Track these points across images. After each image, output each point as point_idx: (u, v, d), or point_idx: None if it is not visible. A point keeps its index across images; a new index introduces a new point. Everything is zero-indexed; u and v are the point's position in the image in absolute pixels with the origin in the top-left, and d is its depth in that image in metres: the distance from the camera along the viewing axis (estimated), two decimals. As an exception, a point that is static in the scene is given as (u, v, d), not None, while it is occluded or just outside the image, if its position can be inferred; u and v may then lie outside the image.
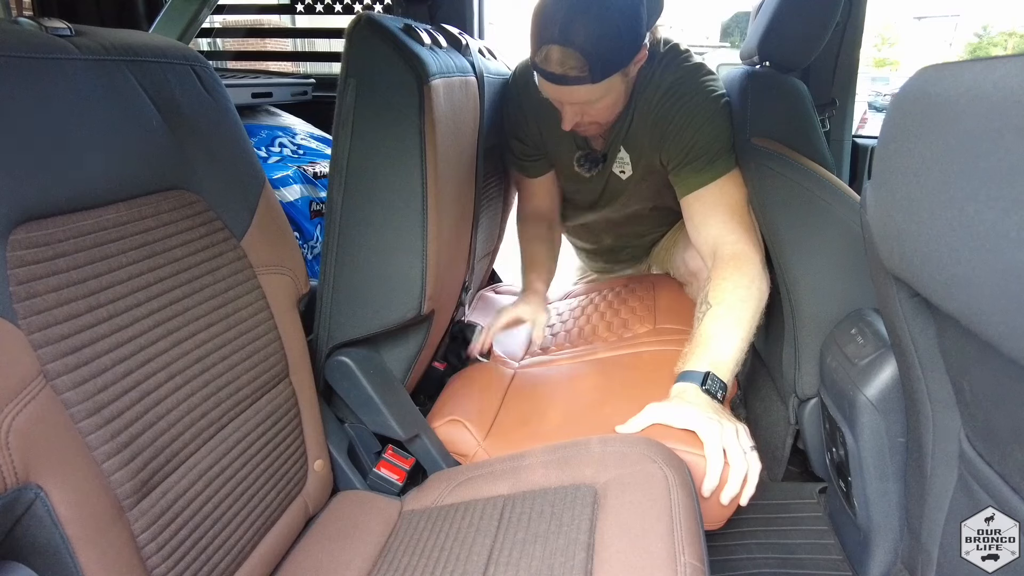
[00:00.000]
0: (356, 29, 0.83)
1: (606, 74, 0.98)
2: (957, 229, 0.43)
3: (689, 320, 1.23)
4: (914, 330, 0.59)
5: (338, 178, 0.88)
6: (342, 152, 0.86)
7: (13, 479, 0.47)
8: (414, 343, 1.02)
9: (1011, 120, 0.38)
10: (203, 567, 0.62)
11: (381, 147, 0.86)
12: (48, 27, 0.57)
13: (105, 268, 0.56)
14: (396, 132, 0.85)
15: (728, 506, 0.84)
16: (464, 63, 1.03)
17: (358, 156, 0.86)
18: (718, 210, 1.10)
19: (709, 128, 1.10)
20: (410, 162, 0.85)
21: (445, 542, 0.74)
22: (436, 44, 0.94)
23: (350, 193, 0.88)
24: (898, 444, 0.79)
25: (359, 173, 0.87)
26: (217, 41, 2.41)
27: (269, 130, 1.55)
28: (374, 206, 0.88)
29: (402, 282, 0.90)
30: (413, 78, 0.83)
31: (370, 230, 0.89)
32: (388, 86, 0.84)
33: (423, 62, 0.84)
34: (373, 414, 0.93)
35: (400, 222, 0.88)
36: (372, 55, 0.83)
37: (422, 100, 0.83)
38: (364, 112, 0.85)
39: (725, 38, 7.13)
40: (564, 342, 1.29)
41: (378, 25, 0.84)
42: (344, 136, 0.86)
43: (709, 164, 1.11)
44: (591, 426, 0.96)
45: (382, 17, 0.86)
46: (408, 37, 0.86)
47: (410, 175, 0.86)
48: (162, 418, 0.59)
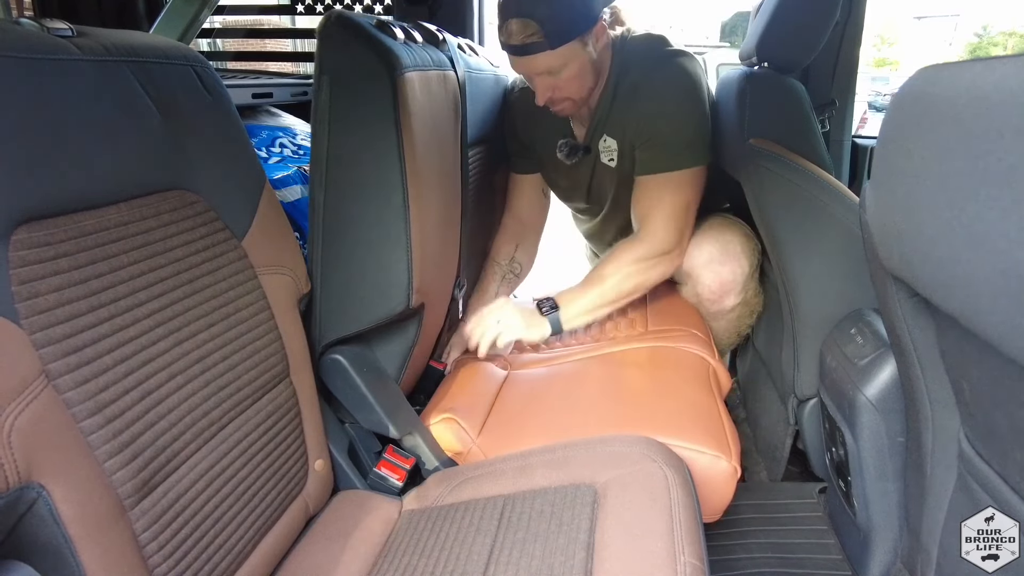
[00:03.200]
0: (327, 26, 0.84)
1: (563, 40, 1.05)
2: (957, 229, 0.43)
3: (680, 320, 1.24)
4: (914, 330, 0.59)
5: (319, 175, 0.88)
6: (321, 149, 0.87)
7: (15, 478, 0.47)
8: (407, 339, 1.03)
9: (1011, 120, 0.38)
10: (204, 566, 0.62)
11: (359, 141, 0.86)
12: (49, 27, 0.57)
13: (106, 268, 0.56)
14: (373, 126, 0.85)
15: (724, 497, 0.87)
16: (441, 58, 1.03)
17: (337, 152, 0.87)
18: (661, 202, 1.15)
19: (676, 121, 1.13)
20: (388, 155, 0.86)
21: (445, 542, 0.74)
22: (411, 39, 0.94)
23: (332, 189, 0.88)
24: (898, 444, 0.79)
25: (339, 169, 0.87)
26: (217, 41, 2.41)
27: (269, 130, 1.55)
28: (356, 201, 0.88)
29: (389, 275, 0.90)
30: (385, 70, 0.83)
31: (354, 225, 0.89)
32: (361, 80, 0.84)
33: (395, 55, 0.84)
34: (367, 412, 0.93)
35: (383, 215, 0.88)
36: (344, 51, 0.84)
37: (396, 92, 0.84)
38: (340, 108, 0.85)
39: (725, 38, 7.14)
40: (556, 341, 1.29)
41: (349, 21, 0.84)
42: (322, 133, 0.86)
43: (667, 154, 1.14)
44: (583, 424, 0.96)
45: (353, 14, 0.86)
46: (380, 32, 0.86)
47: (389, 168, 0.86)
48: (163, 418, 0.59)
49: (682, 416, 0.94)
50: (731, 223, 1.31)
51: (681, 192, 1.15)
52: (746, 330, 1.35)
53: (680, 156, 1.14)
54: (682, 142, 1.13)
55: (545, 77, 1.11)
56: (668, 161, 1.14)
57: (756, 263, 1.26)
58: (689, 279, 1.30)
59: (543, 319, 1.13)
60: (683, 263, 1.29)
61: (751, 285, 1.26)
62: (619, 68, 1.18)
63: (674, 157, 1.14)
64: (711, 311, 1.30)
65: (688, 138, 1.13)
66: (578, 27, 1.07)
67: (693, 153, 1.14)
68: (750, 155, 1.10)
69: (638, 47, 1.19)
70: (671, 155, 1.14)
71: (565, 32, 1.05)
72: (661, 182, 1.15)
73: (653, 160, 1.16)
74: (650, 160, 1.16)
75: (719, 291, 1.25)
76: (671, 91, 1.14)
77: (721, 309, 1.28)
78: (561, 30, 1.05)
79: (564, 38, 1.06)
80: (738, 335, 1.36)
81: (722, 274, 1.23)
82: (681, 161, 1.14)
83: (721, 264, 1.23)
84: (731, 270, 1.23)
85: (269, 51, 2.77)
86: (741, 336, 1.37)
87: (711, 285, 1.25)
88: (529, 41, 1.05)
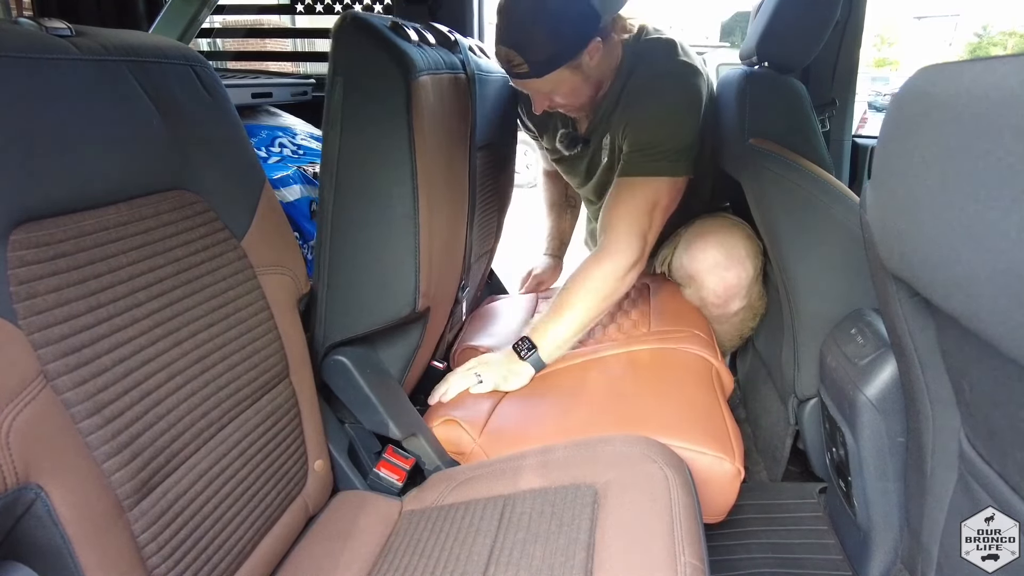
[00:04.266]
0: (342, 27, 0.83)
1: (548, 70, 1.08)
2: (957, 229, 0.43)
3: (683, 321, 1.24)
4: (914, 330, 0.59)
5: (329, 177, 0.88)
6: (332, 151, 0.87)
7: (13, 479, 0.47)
8: (411, 341, 1.02)
9: (1011, 120, 0.38)
10: (203, 567, 0.62)
11: (370, 144, 0.86)
12: (48, 27, 0.56)
13: (105, 268, 0.56)
14: (385, 129, 0.85)
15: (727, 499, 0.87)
16: (454, 60, 1.03)
17: (348, 154, 0.86)
18: (629, 205, 1.14)
19: (661, 130, 1.14)
20: (400, 158, 0.85)
21: (445, 542, 0.74)
22: (424, 41, 0.94)
23: (341, 191, 0.88)
24: (898, 444, 0.79)
25: (349, 171, 0.87)
26: (217, 41, 2.41)
27: (269, 130, 1.55)
28: (365, 204, 0.88)
29: (396, 279, 0.90)
30: (400, 74, 0.83)
31: (362, 228, 0.89)
32: (375, 83, 0.84)
33: (410, 58, 0.84)
34: (370, 413, 0.93)
35: (392, 219, 0.88)
36: (358, 53, 0.83)
37: (409, 96, 0.83)
38: (352, 110, 0.85)
39: (725, 38, 7.13)
40: None
41: (364, 23, 0.84)
42: (333, 135, 0.86)
43: (646, 161, 1.14)
44: (585, 425, 0.96)
45: (368, 15, 0.86)
46: (395, 34, 0.86)
47: (400, 171, 0.86)
48: (162, 418, 0.59)
49: (684, 417, 0.94)
50: (734, 225, 1.31)
51: (649, 199, 1.14)
52: (749, 332, 1.35)
53: (657, 164, 1.14)
54: (662, 151, 1.13)
55: (538, 93, 1.15)
56: (644, 167, 1.14)
57: (760, 266, 1.25)
58: (693, 283, 1.29)
59: (523, 364, 1.10)
60: (687, 267, 1.29)
61: (755, 288, 1.26)
62: (629, 70, 1.18)
63: (650, 164, 1.14)
64: (715, 315, 1.29)
65: (670, 148, 1.13)
66: (562, 58, 1.08)
67: (671, 163, 1.14)
68: (750, 155, 1.10)
69: (651, 52, 1.19)
70: (648, 161, 1.14)
71: (549, 63, 1.08)
72: (633, 186, 1.15)
73: (630, 163, 1.16)
74: (628, 163, 1.17)
75: (724, 296, 1.25)
76: (667, 105, 1.14)
77: (725, 313, 1.28)
78: (545, 61, 1.07)
79: (549, 68, 1.08)
80: (740, 337, 1.36)
81: (727, 279, 1.23)
82: (658, 169, 1.14)
83: (726, 269, 1.23)
84: (736, 274, 1.22)
85: (269, 51, 2.77)
86: (744, 338, 1.37)
87: (716, 290, 1.25)
88: (516, 70, 1.09)
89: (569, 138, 1.33)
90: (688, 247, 1.29)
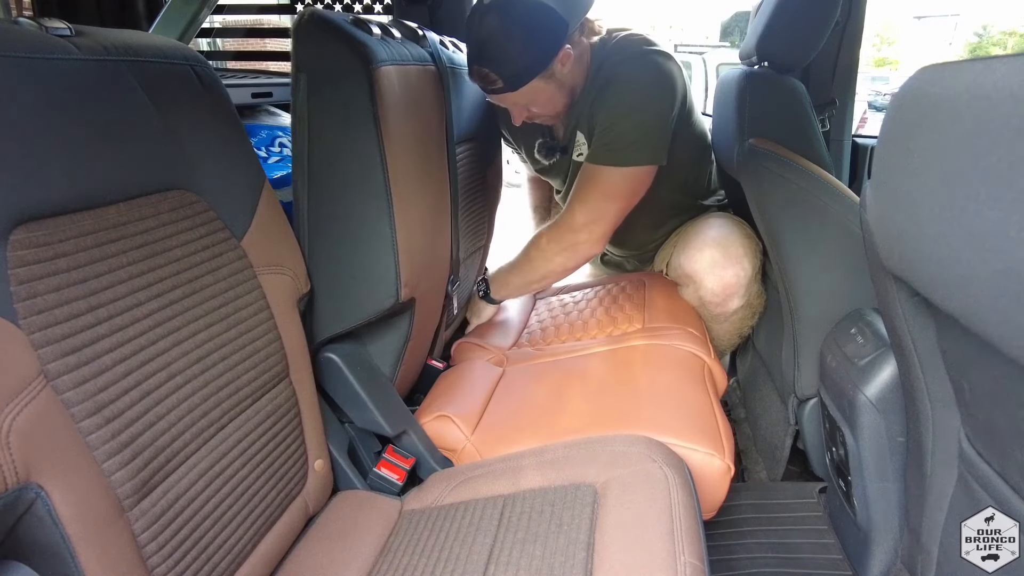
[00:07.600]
0: (302, 24, 0.84)
1: (521, 82, 1.10)
2: (957, 229, 0.43)
3: (678, 319, 1.24)
4: (914, 330, 0.59)
5: (301, 173, 0.88)
6: (301, 147, 0.87)
7: (14, 479, 0.47)
8: (399, 334, 1.03)
9: (1011, 120, 0.38)
10: (203, 567, 0.62)
11: (338, 137, 0.86)
12: (48, 27, 0.56)
13: (105, 268, 0.56)
14: (351, 121, 0.85)
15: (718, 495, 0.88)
16: (422, 53, 1.03)
17: (317, 149, 0.87)
18: (594, 190, 1.18)
19: (628, 120, 1.15)
20: (368, 149, 0.86)
21: (445, 542, 0.74)
22: (388, 35, 0.94)
23: (314, 187, 0.88)
24: (898, 444, 0.79)
25: (320, 166, 0.87)
26: (217, 41, 2.41)
27: (269, 130, 1.55)
28: (339, 197, 0.88)
29: (376, 270, 0.91)
30: (360, 64, 0.83)
31: (338, 222, 0.89)
32: (337, 75, 0.84)
33: (370, 49, 0.84)
34: (360, 410, 0.93)
35: (366, 210, 0.88)
36: (319, 47, 0.84)
37: (372, 86, 0.84)
38: (318, 105, 0.85)
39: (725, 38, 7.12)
40: (553, 338, 1.29)
41: (323, 18, 0.84)
42: (302, 131, 0.86)
43: (612, 149, 1.15)
44: (576, 421, 0.96)
45: (327, 12, 0.86)
46: (355, 28, 0.87)
47: (370, 162, 0.86)
48: (162, 418, 0.59)
49: (675, 414, 0.94)
50: (732, 223, 1.31)
51: (606, 186, 1.17)
52: (748, 331, 1.35)
53: (618, 153, 1.15)
54: (625, 141, 1.14)
55: (515, 106, 1.18)
56: (606, 156, 1.16)
57: (758, 264, 1.25)
58: (691, 282, 1.29)
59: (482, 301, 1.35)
60: (685, 266, 1.29)
61: (754, 287, 1.26)
62: (596, 70, 1.19)
63: (611, 153, 1.15)
64: (714, 314, 1.29)
65: (633, 139, 1.14)
66: (534, 70, 1.09)
67: (634, 153, 1.15)
68: (750, 155, 1.10)
69: (618, 48, 1.20)
70: (610, 150, 1.15)
71: (522, 75, 1.09)
72: (594, 172, 1.18)
73: (595, 152, 1.19)
74: (593, 152, 1.19)
75: (722, 294, 1.25)
76: (632, 87, 1.15)
77: (724, 312, 1.28)
78: (518, 74, 1.09)
79: (522, 81, 1.10)
80: (739, 336, 1.36)
81: (725, 278, 1.23)
82: (619, 158, 1.15)
83: (724, 268, 1.23)
84: (734, 273, 1.22)
85: (269, 51, 2.76)
86: (743, 337, 1.37)
87: (714, 288, 1.25)
88: (491, 87, 1.11)
89: (547, 148, 1.36)
90: (686, 247, 1.29)
